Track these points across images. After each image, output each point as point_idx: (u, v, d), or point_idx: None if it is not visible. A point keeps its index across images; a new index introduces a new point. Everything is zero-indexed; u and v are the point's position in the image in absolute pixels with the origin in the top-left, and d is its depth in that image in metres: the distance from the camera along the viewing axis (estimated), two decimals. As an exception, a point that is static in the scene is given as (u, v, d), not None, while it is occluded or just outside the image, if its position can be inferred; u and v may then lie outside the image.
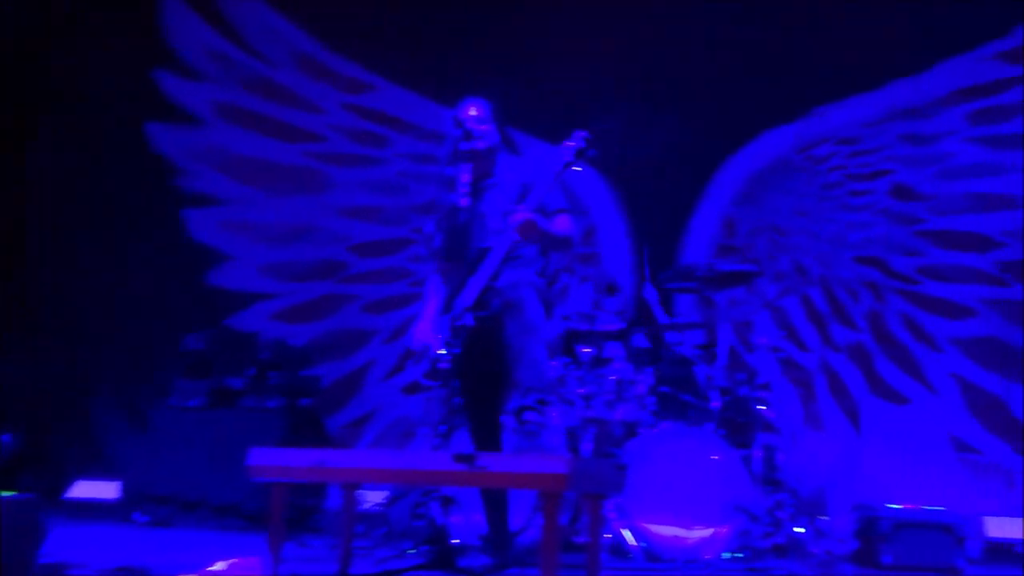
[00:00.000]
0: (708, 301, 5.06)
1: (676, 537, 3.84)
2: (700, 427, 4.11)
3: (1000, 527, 4.85)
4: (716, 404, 4.28)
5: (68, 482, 5.69)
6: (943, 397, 5.61)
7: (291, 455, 2.75)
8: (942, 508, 4.39)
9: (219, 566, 2.52)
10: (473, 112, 3.44)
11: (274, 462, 2.74)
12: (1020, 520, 4.95)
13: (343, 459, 2.76)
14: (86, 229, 6.30)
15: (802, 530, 4.26)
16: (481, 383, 3.27)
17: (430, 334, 3.30)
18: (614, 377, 4.16)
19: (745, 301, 5.68)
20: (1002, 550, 4.80)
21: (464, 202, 3.31)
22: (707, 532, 3.86)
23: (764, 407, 4.66)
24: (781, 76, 5.79)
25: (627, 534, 3.85)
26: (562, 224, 3.39)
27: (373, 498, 4.35)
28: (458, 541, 3.52)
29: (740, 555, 3.96)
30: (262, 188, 6.39)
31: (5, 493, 2.70)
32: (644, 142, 5.57)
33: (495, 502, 3.27)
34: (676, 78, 5.85)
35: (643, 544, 3.85)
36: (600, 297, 4.69)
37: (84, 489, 5.75)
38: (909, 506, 4.41)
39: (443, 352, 3.19)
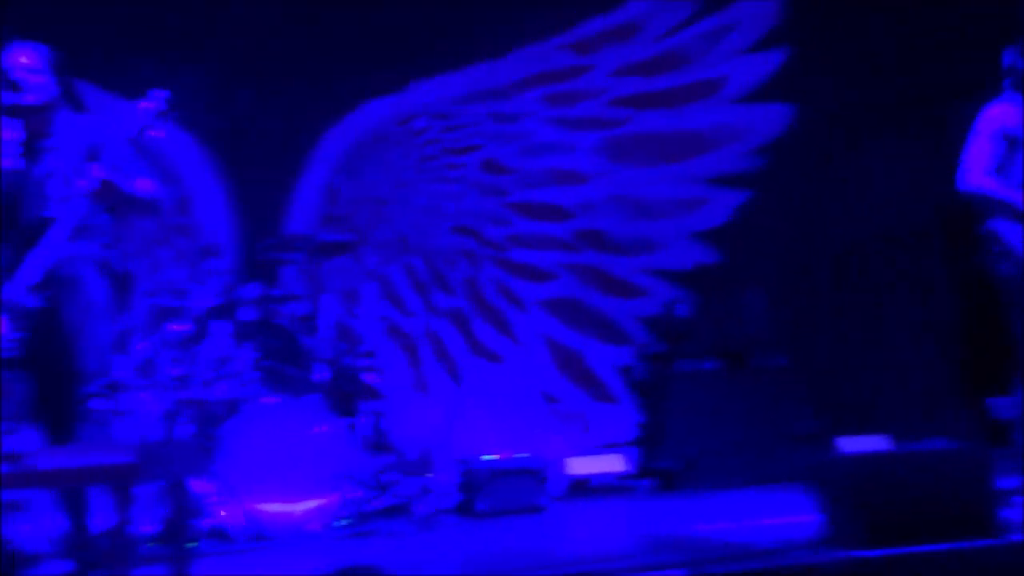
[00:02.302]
0: (312, 271, 5.02)
1: (281, 513, 3.77)
2: (303, 399, 4.07)
3: (579, 466, 5.46)
4: (321, 375, 4.27)
5: None
6: (531, 353, 6.17)
7: None
8: (528, 454, 4.84)
9: None
10: (24, 60, 2.99)
11: None
12: (593, 458, 5.62)
13: None
14: None
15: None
16: (47, 371, 2.92)
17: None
18: (211, 355, 3.95)
19: (349, 271, 5.73)
20: (581, 485, 5.42)
21: (11, 165, 2.89)
22: (313, 504, 3.84)
23: (370, 374, 4.75)
24: (378, 48, 5.87)
25: (229, 515, 3.70)
26: (145, 188, 3.10)
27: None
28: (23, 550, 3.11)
29: (349, 522, 4.00)
30: None
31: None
32: (241, 107, 5.31)
33: (70, 501, 2.92)
34: (274, 43, 5.65)
35: (247, 524, 3.73)
36: (197, 270, 4.43)
37: None
38: (501, 455, 4.79)
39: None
